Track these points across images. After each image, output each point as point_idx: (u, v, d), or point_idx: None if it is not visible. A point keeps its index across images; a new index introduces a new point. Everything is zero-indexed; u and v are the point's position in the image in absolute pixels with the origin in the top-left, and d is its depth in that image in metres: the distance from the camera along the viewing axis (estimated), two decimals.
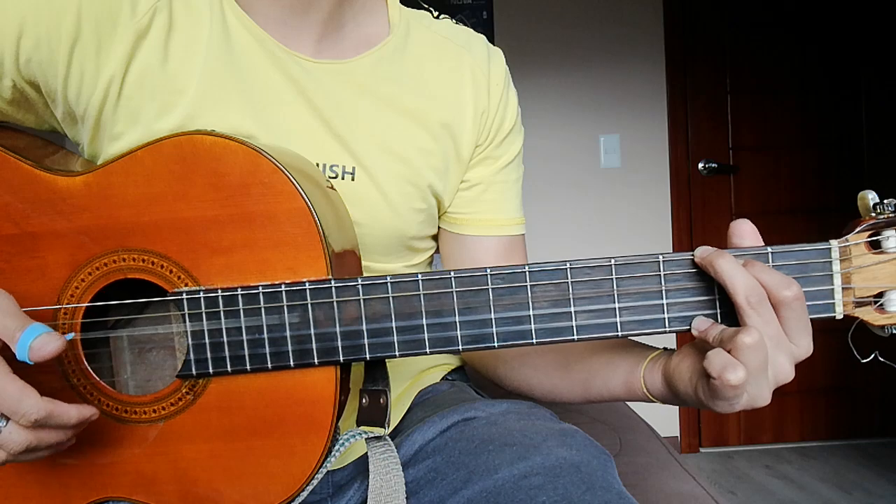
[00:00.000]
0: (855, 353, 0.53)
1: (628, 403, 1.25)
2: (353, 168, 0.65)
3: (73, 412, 0.49)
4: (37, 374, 0.54)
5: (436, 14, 0.75)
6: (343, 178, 0.65)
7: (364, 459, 0.65)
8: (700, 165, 2.79)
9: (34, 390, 0.47)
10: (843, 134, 2.83)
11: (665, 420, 2.77)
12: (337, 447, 0.55)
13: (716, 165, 2.78)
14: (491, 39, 0.84)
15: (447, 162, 0.71)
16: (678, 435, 2.83)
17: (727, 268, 0.48)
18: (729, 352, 0.47)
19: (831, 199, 2.78)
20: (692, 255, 0.51)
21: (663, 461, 0.95)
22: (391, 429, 0.68)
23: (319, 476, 0.54)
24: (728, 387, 0.46)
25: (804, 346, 0.50)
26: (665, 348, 0.60)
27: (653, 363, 0.58)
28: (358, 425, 0.58)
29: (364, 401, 0.58)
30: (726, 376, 0.46)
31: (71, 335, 0.51)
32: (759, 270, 0.48)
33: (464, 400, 0.68)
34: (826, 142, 2.82)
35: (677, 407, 2.82)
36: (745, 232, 0.52)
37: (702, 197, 2.80)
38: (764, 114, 2.80)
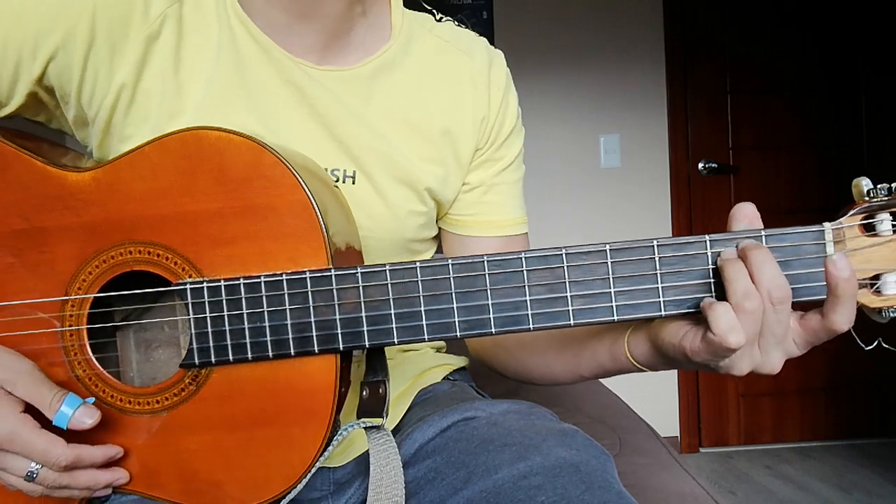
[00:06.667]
0: (858, 340, 0.53)
1: (627, 403, 1.26)
2: (354, 172, 0.67)
3: (99, 453, 0.53)
4: (42, 366, 0.55)
5: (438, 17, 0.75)
6: (344, 182, 0.66)
7: (365, 458, 0.65)
8: (700, 165, 2.80)
9: (61, 440, 0.51)
10: (843, 134, 2.83)
11: (665, 420, 2.77)
12: (336, 437, 0.55)
13: (716, 165, 2.79)
14: (491, 39, 0.85)
15: (447, 167, 0.72)
16: (678, 435, 2.83)
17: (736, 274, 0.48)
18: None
19: (831, 199, 2.78)
20: (686, 239, 0.51)
21: (663, 461, 0.95)
22: (392, 426, 0.69)
23: (317, 465, 0.54)
24: (725, 348, 0.47)
25: (776, 359, 0.51)
26: None
27: (637, 329, 0.59)
28: (358, 418, 0.58)
29: (364, 393, 0.59)
30: (729, 338, 0.46)
31: (91, 399, 0.55)
32: (759, 267, 0.48)
33: (464, 399, 0.69)
34: (826, 142, 2.83)
35: (677, 407, 2.83)
36: (746, 215, 0.51)
37: (702, 197, 2.80)
38: (764, 114, 2.81)
